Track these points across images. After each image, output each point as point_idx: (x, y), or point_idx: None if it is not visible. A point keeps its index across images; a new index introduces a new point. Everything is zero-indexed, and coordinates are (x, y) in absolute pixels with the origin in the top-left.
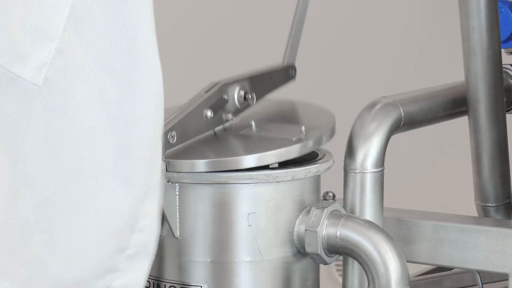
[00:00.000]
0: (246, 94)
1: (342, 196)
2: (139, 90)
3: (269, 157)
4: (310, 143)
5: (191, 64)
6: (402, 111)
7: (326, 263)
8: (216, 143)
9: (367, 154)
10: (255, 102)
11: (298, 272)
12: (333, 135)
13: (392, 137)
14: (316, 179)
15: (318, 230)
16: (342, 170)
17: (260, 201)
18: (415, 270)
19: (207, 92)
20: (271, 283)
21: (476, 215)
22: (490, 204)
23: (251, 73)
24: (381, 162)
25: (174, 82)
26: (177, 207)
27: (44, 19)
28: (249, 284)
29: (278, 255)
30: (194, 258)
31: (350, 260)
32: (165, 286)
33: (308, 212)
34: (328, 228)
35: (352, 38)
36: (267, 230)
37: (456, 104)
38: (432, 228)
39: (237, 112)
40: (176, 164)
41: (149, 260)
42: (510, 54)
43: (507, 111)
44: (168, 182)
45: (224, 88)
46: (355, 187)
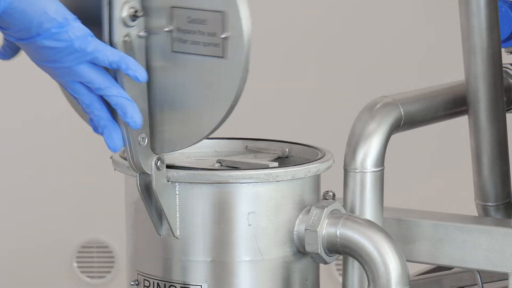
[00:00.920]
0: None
1: (342, 196)
2: None
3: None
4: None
5: None
6: (402, 111)
7: (326, 263)
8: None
9: (367, 153)
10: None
11: (298, 272)
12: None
13: (392, 136)
14: (316, 179)
15: (318, 230)
16: (342, 170)
17: (260, 200)
18: (415, 269)
19: None
20: (271, 282)
21: (476, 214)
22: (490, 204)
23: None
24: (381, 161)
25: None
26: (177, 207)
27: None
28: (249, 283)
29: (278, 255)
30: (194, 258)
31: (350, 259)
32: (165, 285)
33: (308, 211)
34: (328, 228)
35: (352, 38)
36: (267, 230)
37: (456, 104)
38: (432, 228)
39: None
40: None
41: None
42: (510, 54)
43: (507, 111)
44: (168, 181)
45: None
46: (355, 186)
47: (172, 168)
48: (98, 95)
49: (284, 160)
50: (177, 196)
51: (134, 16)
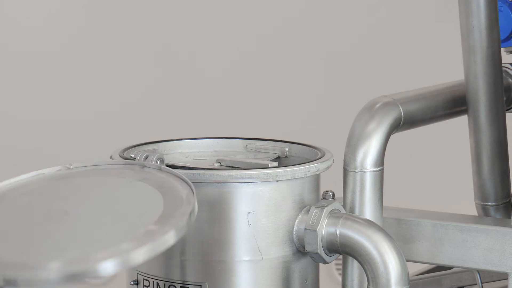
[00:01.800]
0: None
1: (341, 195)
2: None
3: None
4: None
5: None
6: (401, 110)
7: (325, 262)
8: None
9: (367, 153)
10: None
11: (297, 271)
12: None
13: (392, 136)
14: (316, 178)
15: (317, 229)
16: (342, 169)
17: (259, 200)
18: (414, 269)
19: None
20: (270, 282)
21: (476, 214)
22: (489, 203)
23: None
24: (380, 161)
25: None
26: None
27: None
28: (248, 283)
29: (277, 254)
30: (194, 257)
31: (350, 259)
32: (165, 285)
33: (308, 211)
34: (327, 227)
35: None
36: (267, 229)
37: (455, 103)
38: (431, 227)
39: None
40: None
41: None
42: (510, 53)
43: (507, 110)
44: None
45: None
46: (355, 186)
47: (173, 168)
48: None
49: (283, 160)
50: None
51: None
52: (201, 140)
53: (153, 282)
